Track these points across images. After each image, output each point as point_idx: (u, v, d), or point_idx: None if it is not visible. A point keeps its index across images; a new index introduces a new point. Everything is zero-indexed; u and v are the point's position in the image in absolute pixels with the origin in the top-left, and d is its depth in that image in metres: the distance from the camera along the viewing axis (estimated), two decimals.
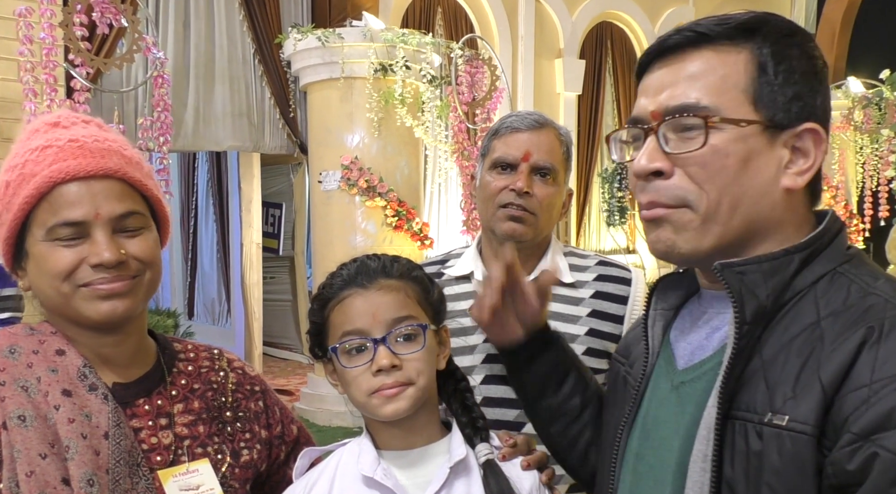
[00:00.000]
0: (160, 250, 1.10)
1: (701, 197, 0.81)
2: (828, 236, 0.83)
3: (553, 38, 7.78)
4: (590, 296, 1.52)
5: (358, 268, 1.13)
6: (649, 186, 0.83)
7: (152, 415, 1.08)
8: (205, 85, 6.03)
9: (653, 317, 0.95)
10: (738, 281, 0.79)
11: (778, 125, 0.82)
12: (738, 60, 0.82)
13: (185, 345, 1.21)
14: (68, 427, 0.97)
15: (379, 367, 1.06)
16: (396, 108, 5.66)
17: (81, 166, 1.01)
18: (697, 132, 0.81)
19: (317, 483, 1.13)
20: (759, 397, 0.76)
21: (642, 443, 0.90)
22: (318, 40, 5.64)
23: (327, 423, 5.80)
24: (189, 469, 1.08)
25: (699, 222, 0.82)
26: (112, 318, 1.03)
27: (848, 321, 0.74)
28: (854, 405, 0.69)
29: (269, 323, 8.29)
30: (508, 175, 1.50)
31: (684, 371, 0.88)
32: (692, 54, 0.84)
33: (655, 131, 0.83)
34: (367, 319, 1.08)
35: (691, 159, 0.81)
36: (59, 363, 1.02)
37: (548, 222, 1.52)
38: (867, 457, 0.68)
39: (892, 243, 5.70)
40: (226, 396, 1.18)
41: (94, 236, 1.01)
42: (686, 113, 0.81)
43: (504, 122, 1.55)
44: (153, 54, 4.93)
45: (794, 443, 0.72)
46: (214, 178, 8.60)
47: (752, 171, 0.81)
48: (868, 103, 7.59)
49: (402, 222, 5.78)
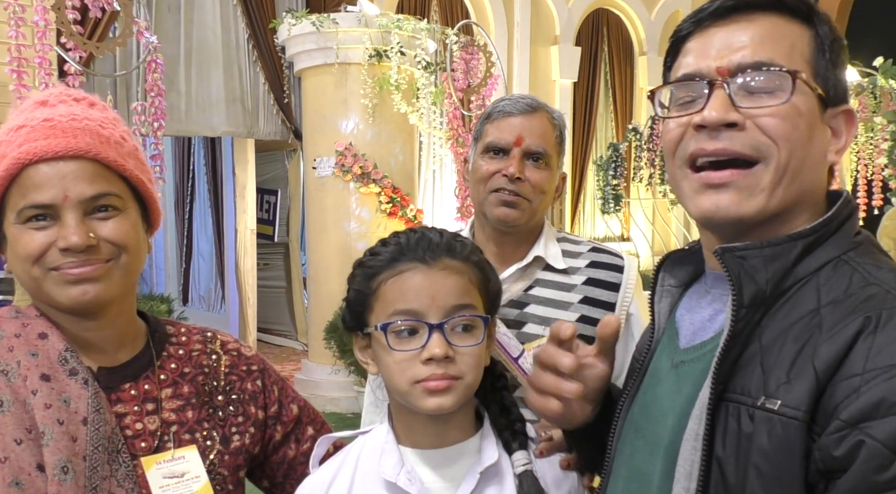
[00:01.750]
0: (140, 233, 1.06)
1: (772, 151, 0.79)
2: (836, 221, 0.82)
3: (549, 25, 7.75)
4: (582, 283, 1.52)
5: (419, 240, 1.02)
6: (719, 135, 0.80)
7: (138, 400, 1.06)
8: (199, 70, 6.00)
9: (659, 293, 0.94)
10: (737, 265, 0.79)
11: (829, 102, 0.83)
12: (803, 33, 0.83)
13: (178, 328, 1.18)
14: (44, 413, 0.95)
15: (431, 355, 0.97)
16: (391, 94, 5.64)
17: (50, 147, 0.97)
18: (776, 90, 0.80)
19: (335, 481, 1.06)
20: (753, 381, 0.76)
21: (640, 417, 0.91)
22: (313, 25, 5.61)
23: (321, 409, 5.73)
24: (174, 456, 1.05)
25: (769, 179, 0.80)
26: (82, 303, 1.00)
27: (847, 310, 0.75)
28: (845, 393, 0.70)
29: (263, 309, 8.29)
30: (501, 160, 1.49)
31: (685, 351, 0.88)
32: (759, 17, 0.82)
33: (725, 85, 0.80)
34: (425, 300, 0.98)
35: (768, 114, 0.79)
36: (41, 346, 1.00)
37: (541, 206, 1.51)
38: (853, 445, 0.68)
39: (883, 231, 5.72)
40: (217, 380, 1.15)
41: (64, 219, 0.98)
42: (765, 68, 0.80)
43: (497, 106, 1.53)
44: (146, 38, 4.89)
45: (784, 428, 0.72)
46: (209, 163, 8.57)
47: (815, 139, 0.82)
48: (862, 91, 7.59)
49: (396, 208, 5.77)
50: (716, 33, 0.83)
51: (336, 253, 5.59)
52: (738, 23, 0.83)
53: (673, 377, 0.87)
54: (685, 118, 0.83)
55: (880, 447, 0.67)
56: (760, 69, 0.80)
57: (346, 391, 5.80)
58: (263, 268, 8.44)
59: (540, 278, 1.53)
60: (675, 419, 0.84)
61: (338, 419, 5.31)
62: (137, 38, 4.97)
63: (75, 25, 4.49)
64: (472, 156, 1.57)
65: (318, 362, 6.01)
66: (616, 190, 8.13)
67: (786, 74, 0.80)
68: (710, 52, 0.83)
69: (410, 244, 1.03)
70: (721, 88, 0.81)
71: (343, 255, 5.48)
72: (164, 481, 1.03)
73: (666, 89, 0.87)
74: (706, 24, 0.85)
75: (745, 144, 0.80)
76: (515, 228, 1.50)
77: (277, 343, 8.72)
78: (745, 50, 0.81)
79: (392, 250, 1.03)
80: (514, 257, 1.54)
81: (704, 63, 0.83)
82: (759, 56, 0.80)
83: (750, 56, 0.81)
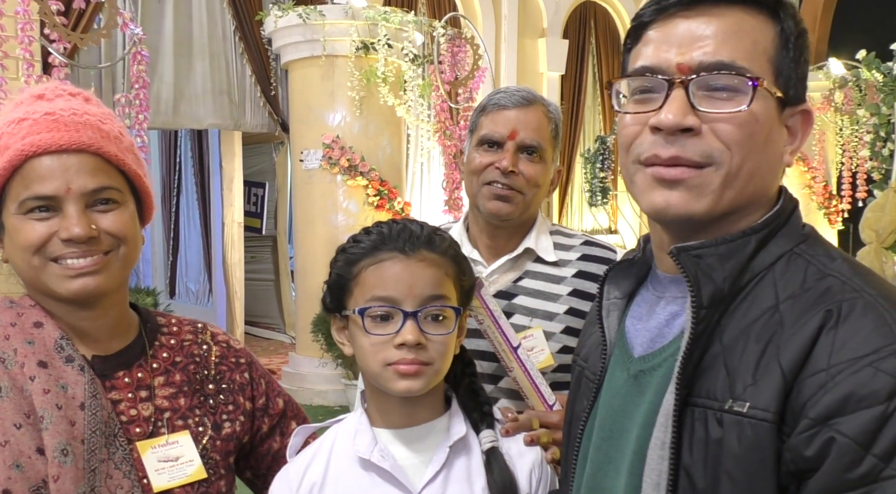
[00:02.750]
0: (137, 226, 1.09)
1: (725, 157, 0.78)
2: (783, 215, 0.82)
3: (536, 18, 7.74)
4: (572, 275, 1.52)
5: (401, 231, 1.08)
6: (675, 141, 0.78)
7: (132, 387, 1.09)
8: (185, 62, 5.96)
9: (606, 307, 0.92)
10: (694, 265, 0.77)
11: (788, 101, 0.81)
12: (766, 28, 0.80)
13: (169, 319, 1.21)
14: (43, 398, 0.97)
15: (403, 341, 1.02)
16: (379, 86, 5.63)
17: (54, 140, 1.00)
18: (734, 94, 0.78)
19: (311, 464, 1.11)
20: (718, 384, 0.75)
21: (601, 434, 0.89)
22: (300, 17, 5.58)
23: (308, 402, 5.82)
24: (168, 441, 1.08)
25: (719, 182, 0.78)
26: (83, 294, 1.03)
27: (806, 304, 0.74)
28: (812, 390, 0.69)
29: (251, 302, 8.27)
30: (495, 153, 1.48)
31: (642, 359, 0.86)
32: (724, 10, 0.79)
33: (685, 86, 0.78)
34: (402, 288, 1.04)
35: (727, 119, 0.77)
36: (37, 335, 1.03)
37: (535, 199, 1.51)
38: (824, 442, 0.67)
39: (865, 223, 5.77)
40: (208, 369, 1.18)
41: (66, 210, 1.01)
42: (726, 71, 0.78)
43: (492, 98, 1.53)
44: (131, 30, 4.86)
45: (754, 430, 0.71)
46: (196, 156, 8.53)
47: (772, 143, 0.80)
48: (846, 84, 7.64)
49: (383, 201, 5.77)
50: (679, 24, 0.80)
51: (323, 246, 5.58)
52: (702, 15, 0.80)
53: (632, 389, 0.85)
54: (642, 116, 0.81)
55: (851, 443, 0.66)
56: (722, 71, 0.78)
57: (333, 384, 5.81)
58: (251, 261, 8.42)
59: (530, 270, 1.53)
60: (638, 430, 0.82)
61: (325, 412, 5.31)
62: (122, 30, 4.93)
63: (59, 17, 4.45)
64: (467, 147, 1.57)
65: (306, 355, 6.01)
66: (603, 183, 8.16)
67: (747, 80, 0.77)
68: (671, 44, 0.80)
69: (392, 234, 1.08)
70: (680, 88, 0.78)
71: (330, 248, 5.39)
72: (159, 464, 1.06)
73: (624, 81, 0.84)
74: (670, 12, 0.81)
75: (698, 151, 0.78)
76: (508, 221, 1.50)
77: (265, 336, 8.71)
78: (708, 47, 0.78)
79: (374, 239, 1.08)
80: (506, 248, 1.54)
81: (665, 56, 0.80)
82: (721, 55, 0.78)
83: (712, 54, 0.78)
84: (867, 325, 0.70)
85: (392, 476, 1.05)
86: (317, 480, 1.09)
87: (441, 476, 1.06)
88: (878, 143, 7.26)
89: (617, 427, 0.86)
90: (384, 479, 1.05)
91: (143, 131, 4.89)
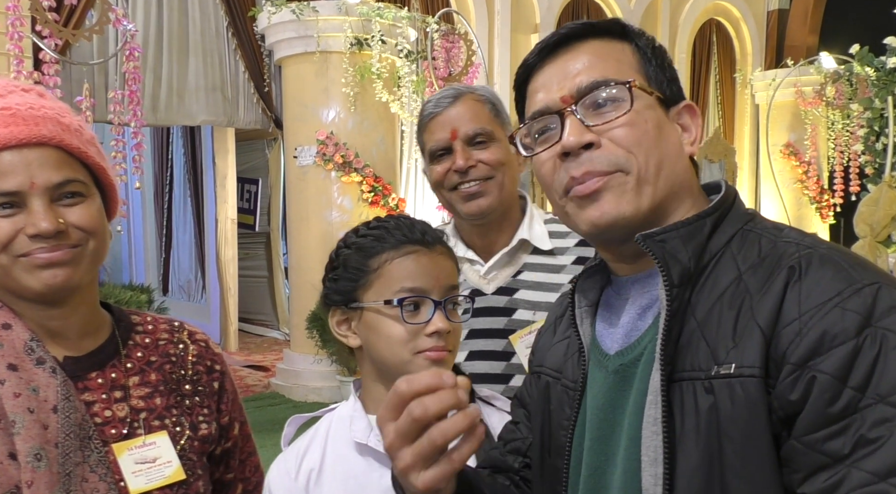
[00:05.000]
0: (105, 220, 1.07)
1: (631, 160, 0.85)
2: (729, 199, 0.89)
3: (529, 14, 7.74)
4: (572, 262, 1.51)
5: (414, 226, 1.13)
6: (580, 159, 0.86)
7: (106, 388, 1.06)
8: (178, 58, 5.94)
9: (580, 316, 0.96)
10: (660, 248, 0.83)
11: (668, 101, 0.90)
12: (623, 48, 0.91)
13: (144, 317, 1.18)
14: (14, 402, 0.95)
15: (437, 329, 1.07)
16: (373, 82, 5.62)
17: (13, 134, 0.97)
18: (616, 104, 0.86)
19: (308, 450, 1.12)
20: (700, 355, 0.79)
21: (592, 435, 0.90)
22: (293, 13, 5.57)
23: (303, 398, 5.82)
24: (146, 442, 1.06)
25: (634, 182, 0.85)
26: (52, 287, 1.00)
27: (769, 269, 0.79)
28: (789, 338, 0.74)
29: (244, 299, 8.27)
30: (448, 158, 1.48)
31: (620, 354, 0.89)
32: (582, 45, 0.90)
33: (573, 111, 0.87)
34: (430, 280, 1.09)
35: (617, 126, 0.86)
36: (5, 337, 1.00)
37: (509, 178, 1.50)
38: (806, 383, 0.72)
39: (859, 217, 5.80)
40: (185, 368, 1.15)
41: (31, 205, 0.98)
42: (602, 86, 0.87)
43: (422, 114, 1.54)
44: (123, 26, 4.84)
45: (744, 388, 0.75)
46: (189, 153, 8.50)
47: (665, 136, 0.88)
48: (839, 78, 7.66)
49: (378, 197, 5.76)
50: (549, 69, 0.91)
51: (317, 242, 5.57)
52: (564, 55, 0.90)
53: (616, 383, 0.88)
54: (551, 151, 0.89)
55: (829, 379, 0.71)
56: (599, 88, 0.87)
57: (328, 381, 5.81)
58: (244, 258, 8.41)
59: (528, 263, 1.52)
60: (629, 418, 0.85)
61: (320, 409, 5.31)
62: (115, 26, 4.91)
63: (50, 12, 4.43)
64: (426, 169, 1.57)
65: (300, 351, 6.01)
66: None
67: (621, 86, 0.86)
68: (550, 86, 0.90)
69: (407, 228, 1.13)
70: (570, 115, 0.87)
71: (325, 244, 5.46)
72: (136, 466, 1.04)
73: (524, 129, 0.93)
74: (538, 66, 0.92)
75: (604, 161, 0.86)
76: (492, 213, 1.49)
77: (259, 333, 8.70)
78: (581, 75, 0.88)
79: (391, 233, 1.12)
80: (500, 243, 1.53)
81: (549, 97, 0.90)
82: (593, 77, 0.87)
83: (586, 79, 0.88)
84: (827, 273, 0.76)
85: (389, 460, 1.06)
86: (314, 466, 1.10)
87: None
88: (872, 137, 7.29)
89: (607, 424, 0.88)
90: (381, 463, 1.07)
91: (137, 128, 4.88)
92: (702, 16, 9.05)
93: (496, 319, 1.48)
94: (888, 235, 5.98)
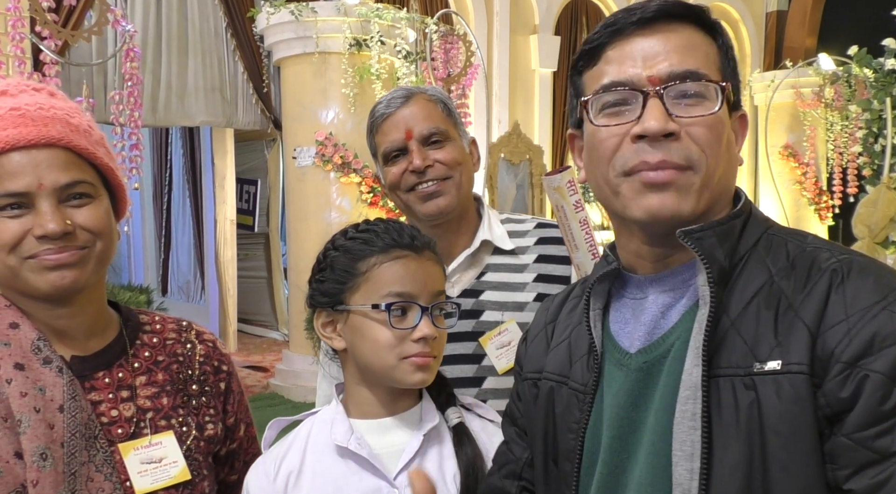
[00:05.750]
0: (112, 221, 1.07)
1: (702, 160, 0.84)
2: (749, 204, 0.90)
3: (528, 14, 7.74)
4: (533, 261, 1.51)
5: (403, 230, 1.12)
6: (660, 146, 0.83)
7: (112, 388, 1.06)
8: (177, 59, 5.94)
9: (593, 318, 0.95)
10: (700, 245, 0.83)
11: (733, 107, 0.89)
12: (711, 43, 0.88)
13: (152, 317, 1.18)
14: (20, 401, 0.95)
15: (423, 335, 1.07)
16: (372, 83, 5.62)
17: (22, 135, 0.98)
18: (703, 100, 0.84)
19: (288, 453, 1.12)
20: (737, 352, 0.80)
21: (611, 434, 0.90)
22: (292, 14, 5.57)
23: (302, 399, 5.81)
24: (152, 442, 1.06)
25: (699, 184, 0.84)
26: (60, 288, 1.00)
27: (803, 272, 0.81)
28: (837, 338, 0.75)
29: (244, 300, 8.26)
30: (403, 159, 1.45)
31: (644, 352, 0.89)
32: (678, 27, 0.87)
33: (659, 95, 0.84)
34: (418, 285, 1.09)
35: (699, 124, 0.84)
36: (13, 336, 1.00)
37: (465, 178, 1.48)
38: (858, 381, 0.74)
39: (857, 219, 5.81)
40: (192, 369, 1.16)
41: (39, 206, 0.98)
42: (696, 78, 0.84)
43: (374, 115, 1.50)
44: (122, 27, 4.84)
45: (792, 384, 0.76)
46: (188, 153, 8.50)
47: (731, 144, 0.88)
48: (837, 79, 7.66)
49: (377, 198, 5.76)
50: (638, 42, 0.86)
51: (317, 243, 5.48)
52: (658, 32, 0.86)
53: (639, 380, 0.88)
54: (622, 128, 0.86)
55: (882, 377, 0.73)
56: (690, 79, 0.84)
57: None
58: (243, 259, 8.40)
59: (491, 264, 1.51)
60: (656, 414, 0.84)
61: None
62: (114, 27, 4.91)
63: (50, 13, 4.43)
64: (379, 173, 1.54)
65: (299, 352, 6.00)
66: None
67: (714, 85, 0.85)
68: (636, 60, 0.86)
69: (396, 232, 1.12)
70: (655, 98, 0.84)
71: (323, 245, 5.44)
72: (142, 466, 1.04)
73: (596, 97, 0.88)
74: (626, 33, 0.87)
75: (681, 154, 0.84)
76: (451, 213, 1.46)
77: (258, 334, 8.69)
78: (673, 59, 0.85)
79: (379, 236, 1.11)
80: (459, 245, 1.51)
81: (633, 71, 0.85)
82: (687, 65, 0.85)
83: (678, 65, 0.84)
84: (869, 278, 0.79)
85: (369, 463, 1.07)
86: (293, 468, 1.10)
87: (415, 463, 1.09)
88: (870, 138, 7.29)
89: (628, 422, 0.88)
90: (361, 466, 1.08)
91: (136, 129, 4.88)
92: None
93: (463, 322, 1.44)
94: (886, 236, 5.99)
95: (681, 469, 0.80)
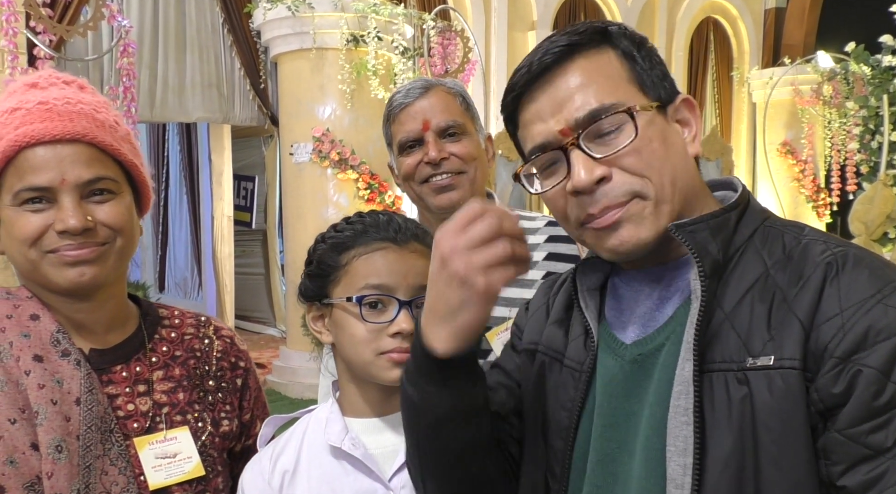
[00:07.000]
0: (134, 217, 1.07)
1: (647, 185, 0.84)
2: (746, 195, 0.89)
3: (526, 11, 7.73)
4: (543, 258, 1.49)
5: (389, 222, 1.09)
6: (596, 195, 0.84)
7: (130, 382, 1.07)
8: (173, 55, 5.92)
9: (583, 298, 0.94)
10: (692, 239, 0.83)
11: (664, 102, 0.88)
12: (609, 58, 0.87)
13: (172, 311, 1.19)
14: (38, 393, 0.96)
15: (399, 330, 1.03)
16: (369, 79, 5.61)
17: (48, 130, 0.98)
18: (620, 130, 0.84)
19: (283, 452, 1.11)
20: (730, 346, 0.79)
21: (603, 421, 0.89)
22: (289, 10, 5.55)
23: (299, 396, 5.81)
24: (167, 437, 1.06)
25: (652, 206, 0.84)
26: (79, 284, 1.01)
27: (798, 265, 0.80)
28: (831, 333, 0.75)
29: (241, 297, 8.25)
30: (418, 150, 1.45)
31: (638, 344, 0.88)
32: (568, 68, 0.86)
33: (577, 145, 0.84)
34: (397, 278, 1.05)
35: (625, 154, 0.84)
36: (33, 328, 1.01)
37: (479, 174, 1.47)
38: (851, 376, 0.73)
39: (854, 216, 5.81)
40: (209, 364, 1.16)
41: (61, 202, 0.99)
42: (602, 115, 0.84)
43: (391, 104, 1.49)
44: (118, 22, 4.82)
45: (784, 379, 0.76)
46: (185, 149, 8.48)
47: (671, 146, 0.86)
48: (835, 76, 7.66)
49: (374, 194, 5.75)
50: (539, 97, 0.87)
51: (314, 240, 5.56)
52: (551, 80, 0.86)
53: (633, 373, 0.88)
54: (558, 187, 0.87)
55: (876, 373, 0.72)
56: (599, 117, 0.84)
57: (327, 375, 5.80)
58: (241, 255, 8.39)
59: None
60: (651, 408, 0.84)
61: None
62: (109, 22, 4.89)
63: (44, 8, 4.41)
64: (393, 162, 1.53)
65: (296, 349, 6.00)
66: None
67: (623, 114, 0.83)
68: (545, 117, 0.87)
69: (381, 225, 1.09)
70: (575, 149, 0.84)
71: None
72: (156, 461, 1.04)
73: (527, 166, 0.90)
74: (526, 95, 0.88)
75: (621, 191, 0.84)
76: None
77: (255, 330, 8.69)
78: (575, 102, 0.85)
79: (363, 229, 1.09)
80: None
81: (547, 129, 0.86)
82: (589, 105, 0.84)
83: (581, 108, 0.84)
84: (864, 271, 0.77)
85: (363, 464, 1.05)
86: (288, 468, 1.09)
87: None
88: (867, 135, 7.30)
89: (622, 413, 0.88)
90: (355, 467, 1.06)
91: (132, 125, 4.86)
92: (699, 14, 9.06)
93: None
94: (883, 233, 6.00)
95: (674, 464, 0.80)
